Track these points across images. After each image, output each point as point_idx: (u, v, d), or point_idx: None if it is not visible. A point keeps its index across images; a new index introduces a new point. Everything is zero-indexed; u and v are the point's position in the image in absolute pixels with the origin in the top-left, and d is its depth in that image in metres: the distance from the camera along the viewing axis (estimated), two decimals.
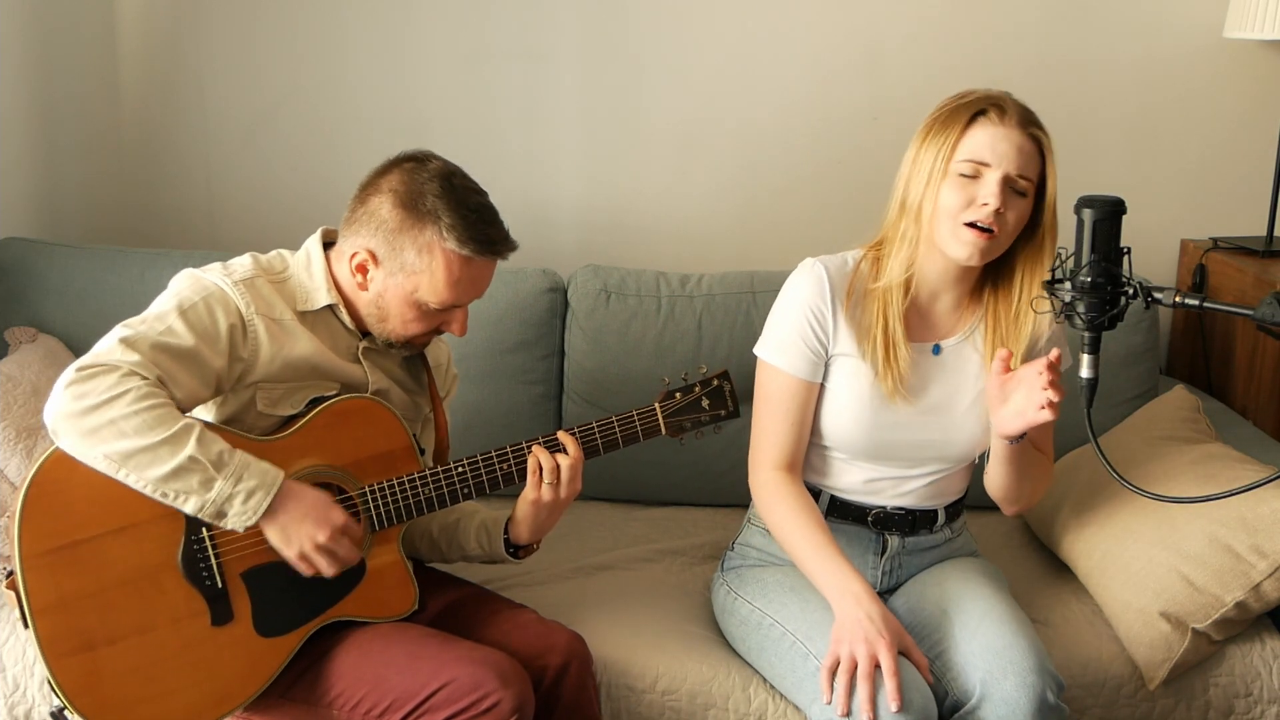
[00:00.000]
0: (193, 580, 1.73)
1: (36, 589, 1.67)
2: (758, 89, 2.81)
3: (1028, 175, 1.79)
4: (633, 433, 1.91)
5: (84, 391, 1.63)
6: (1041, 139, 1.81)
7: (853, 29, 2.78)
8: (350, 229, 1.82)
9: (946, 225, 1.80)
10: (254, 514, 1.66)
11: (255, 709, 1.79)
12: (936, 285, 1.89)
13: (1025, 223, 1.82)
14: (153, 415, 1.63)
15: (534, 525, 1.90)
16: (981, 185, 1.78)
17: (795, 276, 1.93)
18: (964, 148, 1.79)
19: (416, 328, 1.83)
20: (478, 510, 1.99)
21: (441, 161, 1.81)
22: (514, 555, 1.94)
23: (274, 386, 1.80)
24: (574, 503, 2.53)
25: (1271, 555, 1.95)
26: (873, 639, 1.74)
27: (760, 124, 2.83)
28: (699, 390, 1.96)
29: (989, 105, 1.80)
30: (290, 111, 2.86)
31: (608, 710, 1.93)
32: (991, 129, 1.79)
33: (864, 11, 2.77)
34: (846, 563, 1.84)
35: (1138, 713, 1.97)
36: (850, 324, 1.89)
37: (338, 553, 1.72)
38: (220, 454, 1.66)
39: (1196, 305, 1.42)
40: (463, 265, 1.77)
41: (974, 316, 1.92)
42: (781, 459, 1.92)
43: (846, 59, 2.79)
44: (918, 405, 1.89)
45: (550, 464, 1.85)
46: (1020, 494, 1.93)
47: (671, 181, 2.87)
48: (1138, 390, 2.51)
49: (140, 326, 1.71)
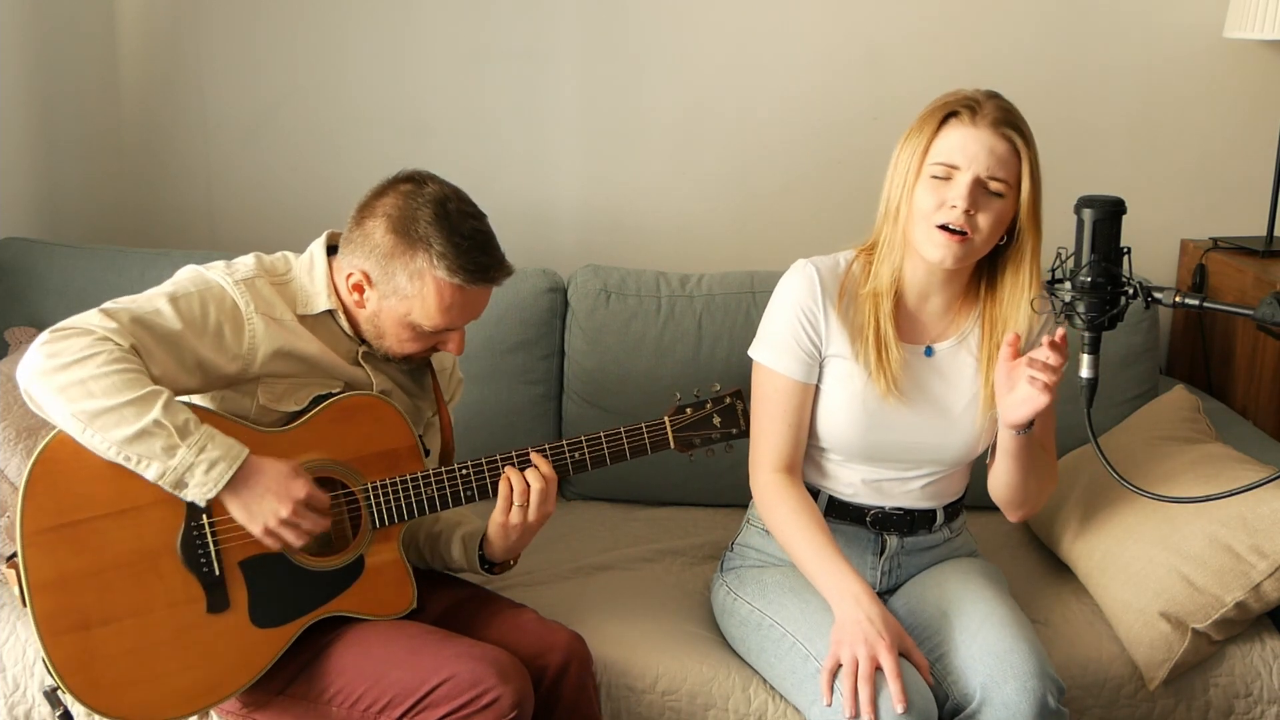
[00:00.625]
0: (191, 566, 1.73)
1: (36, 565, 1.67)
2: (758, 89, 2.81)
3: (1000, 176, 1.77)
4: (640, 445, 1.92)
5: (56, 350, 1.63)
6: (1015, 140, 1.78)
7: (853, 29, 2.78)
8: (348, 249, 1.81)
9: (920, 227, 1.80)
10: (215, 486, 1.66)
11: (254, 704, 1.79)
12: (923, 288, 1.89)
13: (1005, 225, 1.81)
14: (121, 378, 1.63)
15: (505, 546, 1.89)
16: (952, 187, 1.77)
17: (787, 278, 1.93)
18: (936, 149, 1.79)
19: (412, 347, 1.84)
20: (463, 521, 1.98)
21: (439, 185, 1.79)
22: (489, 571, 1.94)
23: (277, 381, 1.80)
24: (574, 503, 2.55)
25: (1271, 555, 1.95)
26: (873, 640, 1.74)
27: (760, 124, 2.83)
28: (710, 407, 1.96)
29: (962, 106, 1.79)
30: (290, 111, 2.86)
31: (608, 710, 1.93)
32: (962, 130, 1.78)
33: (864, 12, 2.77)
34: (847, 564, 1.84)
35: (1138, 713, 1.97)
36: (843, 325, 1.88)
37: (301, 525, 1.72)
38: (186, 422, 1.65)
39: (1196, 305, 1.42)
40: (454, 292, 1.77)
41: (968, 320, 1.92)
42: (781, 461, 1.92)
43: (847, 59, 2.79)
44: (912, 407, 1.89)
45: (521, 485, 1.84)
46: (1026, 494, 1.91)
47: (671, 181, 2.87)
48: (1138, 390, 2.51)
49: (126, 303, 1.73)
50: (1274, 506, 1.98)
